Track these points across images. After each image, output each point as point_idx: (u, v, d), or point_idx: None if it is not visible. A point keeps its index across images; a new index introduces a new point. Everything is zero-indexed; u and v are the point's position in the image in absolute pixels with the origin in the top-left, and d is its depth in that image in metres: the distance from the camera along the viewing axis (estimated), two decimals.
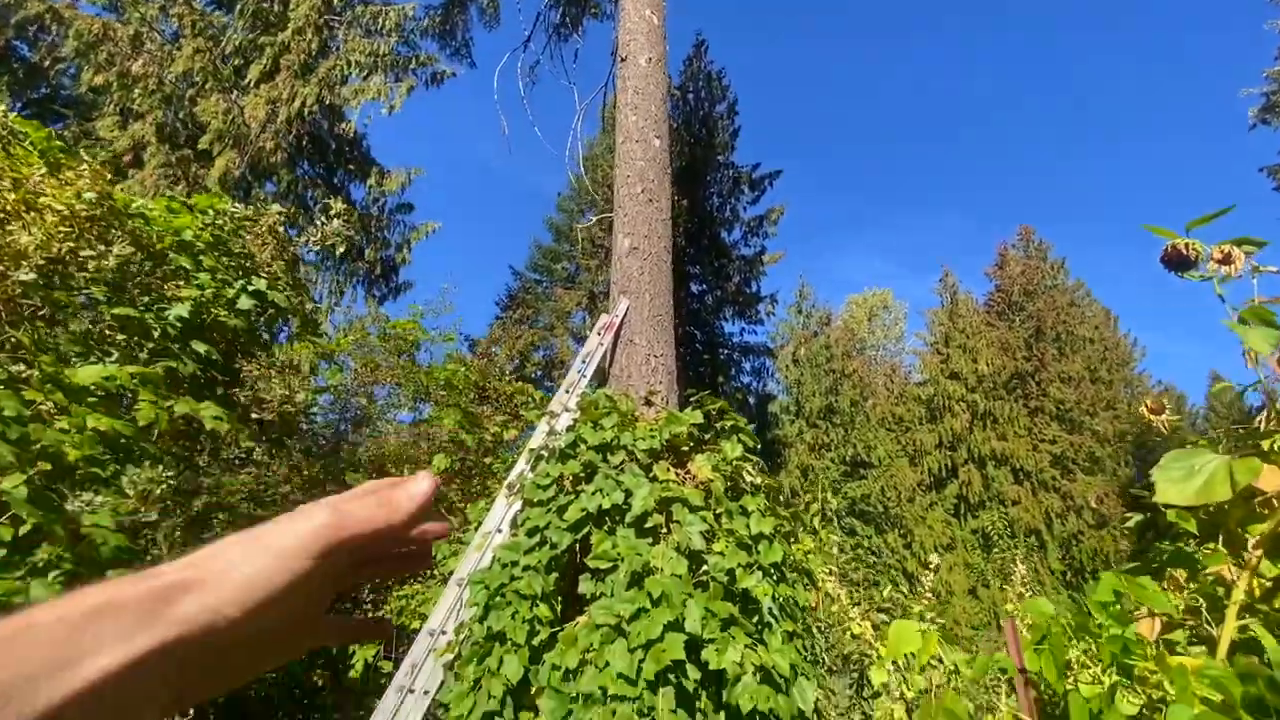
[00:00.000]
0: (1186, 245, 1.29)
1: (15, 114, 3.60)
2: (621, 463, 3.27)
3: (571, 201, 18.88)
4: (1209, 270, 1.30)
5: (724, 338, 16.40)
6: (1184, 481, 1.29)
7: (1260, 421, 1.41)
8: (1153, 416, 1.74)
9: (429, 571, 4.64)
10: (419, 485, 0.43)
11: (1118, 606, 1.21)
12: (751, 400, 17.55)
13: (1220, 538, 1.42)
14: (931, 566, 3.58)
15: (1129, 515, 2.16)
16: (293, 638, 0.39)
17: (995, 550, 15.08)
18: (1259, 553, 1.33)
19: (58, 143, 3.42)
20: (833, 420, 22.00)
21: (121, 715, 0.29)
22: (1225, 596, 1.35)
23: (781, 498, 3.75)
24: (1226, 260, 1.25)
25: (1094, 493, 18.69)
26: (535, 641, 2.70)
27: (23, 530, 1.86)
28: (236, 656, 0.36)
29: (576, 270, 18.32)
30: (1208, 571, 1.38)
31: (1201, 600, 1.39)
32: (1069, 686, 1.16)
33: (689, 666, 2.50)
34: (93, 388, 2.46)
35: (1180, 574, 1.50)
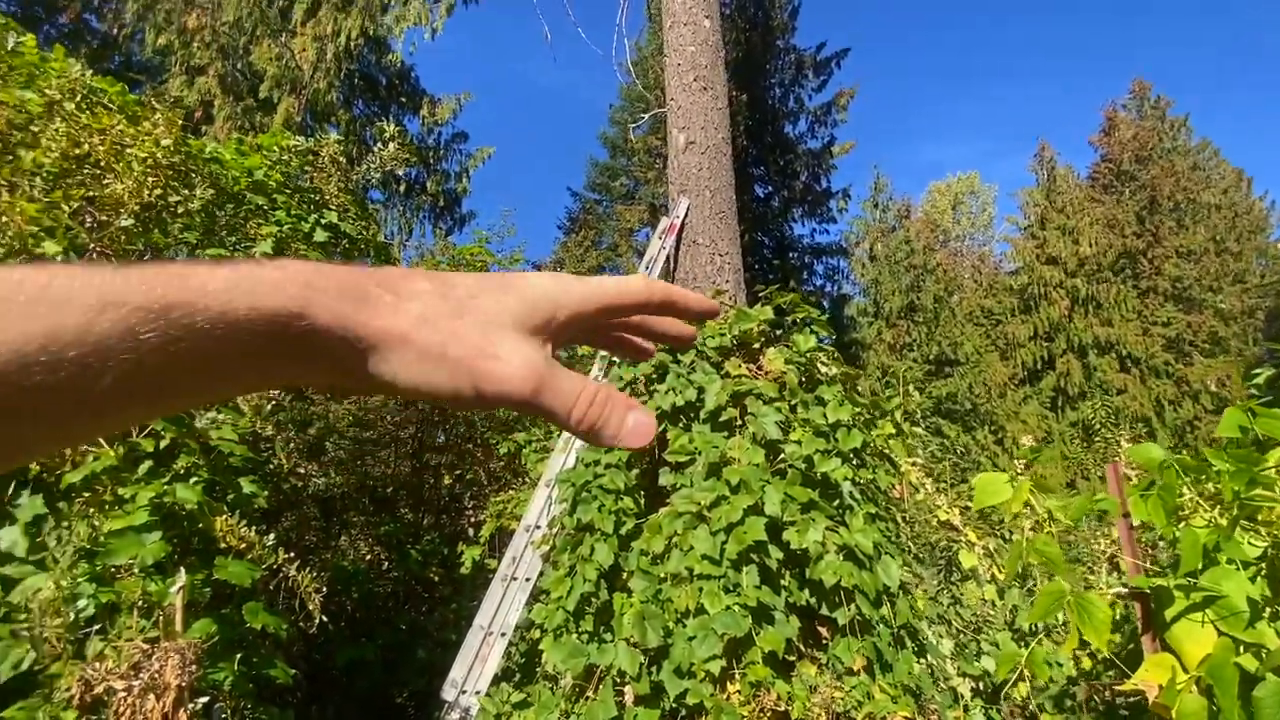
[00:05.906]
0: None
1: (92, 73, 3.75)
2: (692, 362, 3.28)
3: (623, 112, 18.13)
4: None
5: (793, 241, 15.71)
6: None
7: None
8: None
9: (521, 479, 4.95)
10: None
11: (1244, 448, 1.10)
12: (826, 304, 16.98)
13: None
14: (1025, 444, 3.42)
15: (1258, 370, 1.96)
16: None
17: (1097, 441, 14.30)
18: None
19: (132, 96, 3.58)
20: (914, 319, 21.01)
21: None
22: None
23: (859, 389, 3.66)
24: None
25: (1215, 375, 17.14)
26: (623, 531, 2.85)
27: (163, 445, 2.10)
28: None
29: (635, 185, 17.87)
30: None
31: None
32: (1178, 531, 1.08)
33: (771, 547, 2.57)
34: None
35: None
